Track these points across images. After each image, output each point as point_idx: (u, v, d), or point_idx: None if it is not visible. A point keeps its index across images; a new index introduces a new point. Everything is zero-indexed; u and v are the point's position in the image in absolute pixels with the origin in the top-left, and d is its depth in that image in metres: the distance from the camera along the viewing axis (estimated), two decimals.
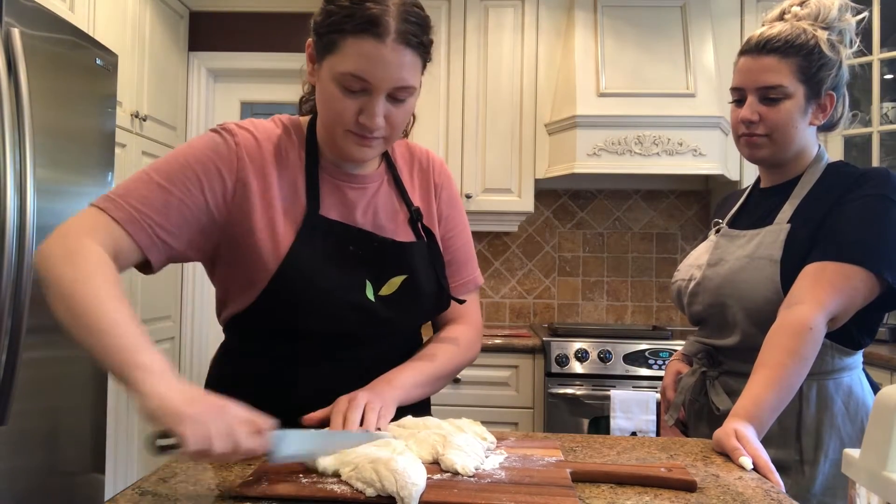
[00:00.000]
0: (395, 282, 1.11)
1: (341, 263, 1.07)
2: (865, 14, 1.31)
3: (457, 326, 1.23)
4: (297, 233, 1.06)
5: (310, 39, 1.07)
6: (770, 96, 1.26)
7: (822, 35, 1.25)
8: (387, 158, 1.20)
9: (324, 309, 1.06)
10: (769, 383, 1.09)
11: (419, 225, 1.17)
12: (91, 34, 2.41)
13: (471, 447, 0.87)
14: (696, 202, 3.46)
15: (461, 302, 1.21)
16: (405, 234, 1.16)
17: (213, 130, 1.08)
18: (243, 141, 1.07)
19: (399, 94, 1.02)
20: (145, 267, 1.03)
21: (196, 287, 3.53)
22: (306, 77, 1.11)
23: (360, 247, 1.09)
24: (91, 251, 0.91)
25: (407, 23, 0.99)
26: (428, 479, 0.79)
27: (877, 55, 2.87)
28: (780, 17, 1.32)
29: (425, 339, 1.24)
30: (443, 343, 1.20)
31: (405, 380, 1.08)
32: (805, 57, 1.24)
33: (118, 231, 0.95)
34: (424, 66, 1.07)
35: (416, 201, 1.20)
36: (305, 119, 1.16)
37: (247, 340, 1.14)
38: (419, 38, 1.01)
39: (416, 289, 1.13)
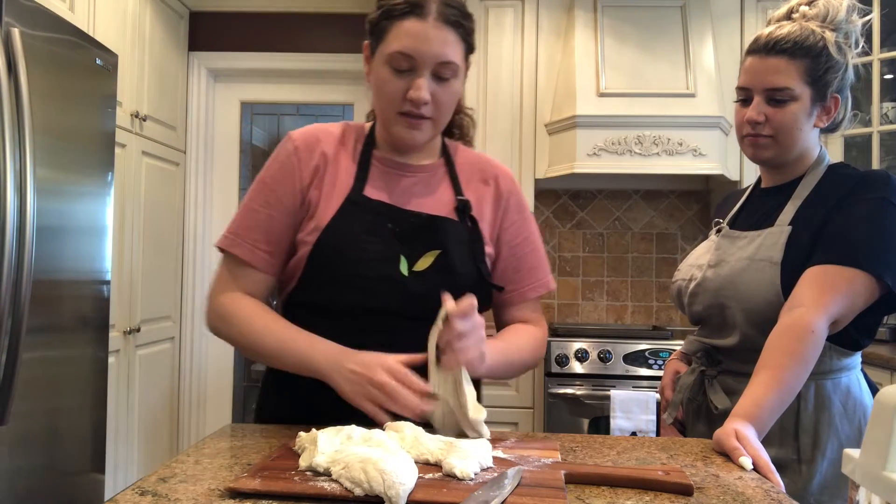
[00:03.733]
0: (429, 257, 1.14)
1: (378, 240, 1.13)
2: (872, 16, 1.30)
3: (528, 326, 1.27)
4: (336, 210, 1.14)
5: (365, 42, 1.17)
6: (777, 98, 1.25)
7: (831, 37, 1.24)
8: (446, 155, 1.26)
9: (355, 282, 1.11)
10: (770, 385, 1.09)
11: (465, 214, 1.20)
12: (91, 34, 2.41)
13: (476, 450, 0.87)
14: (696, 202, 3.46)
15: (500, 289, 1.23)
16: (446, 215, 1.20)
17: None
18: (301, 143, 1.19)
19: (443, 72, 1.10)
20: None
21: (196, 287, 3.53)
22: (365, 79, 1.20)
23: (397, 224, 1.14)
24: (239, 307, 1.15)
25: (447, 6, 1.10)
26: (420, 478, 0.79)
27: (877, 55, 2.87)
28: (788, 16, 1.30)
29: None
30: (518, 333, 1.23)
31: (492, 351, 1.08)
32: (813, 59, 1.24)
33: (238, 269, 1.17)
34: (468, 53, 1.16)
35: (468, 196, 1.23)
36: (369, 123, 1.27)
37: (295, 319, 1.18)
38: (458, 19, 1.11)
39: (450, 266, 1.14)
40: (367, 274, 1.11)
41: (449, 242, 1.15)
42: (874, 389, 1.28)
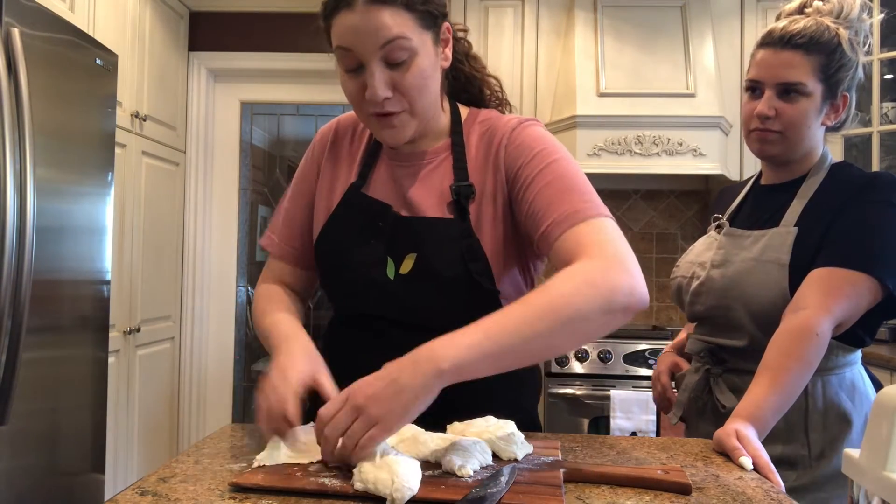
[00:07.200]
0: (409, 260, 1.05)
1: (369, 242, 1.07)
2: (883, 14, 1.30)
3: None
4: (333, 210, 1.11)
5: None
6: (789, 92, 1.24)
7: (844, 34, 1.23)
8: (456, 135, 1.11)
9: (349, 287, 1.09)
10: (772, 386, 1.09)
11: (459, 205, 1.05)
12: (91, 34, 2.41)
13: (476, 449, 0.87)
14: (696, 202, 3.46)
15: (496, 291, 1.05)
16: (438, 213, 1.07)
17: None
18: (318, 137, 1.21)
19: (392, 56, 0.97)
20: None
21: (196, 287, 3.52)
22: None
23: (386, 222, 1.07)
24: (261, 293, 1.19)
25: None
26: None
27: (877, 55, 2.87)
28: (801, 11, 1.29)
29: None
30: (522, 299, 0.90)
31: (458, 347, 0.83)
32: (828, 56, 1.22)
33: (274, 263, 1.21)
34: (431, 22, 1.01)
35: (476, 178, 1.08)
36: None
37: (334, 323, 1.21)
38: None
39: (430, 269, 1.03)
40: (357, 278, 1.07)
41: (427, 243, 1.04)
42: (876, 382, 1.29)
